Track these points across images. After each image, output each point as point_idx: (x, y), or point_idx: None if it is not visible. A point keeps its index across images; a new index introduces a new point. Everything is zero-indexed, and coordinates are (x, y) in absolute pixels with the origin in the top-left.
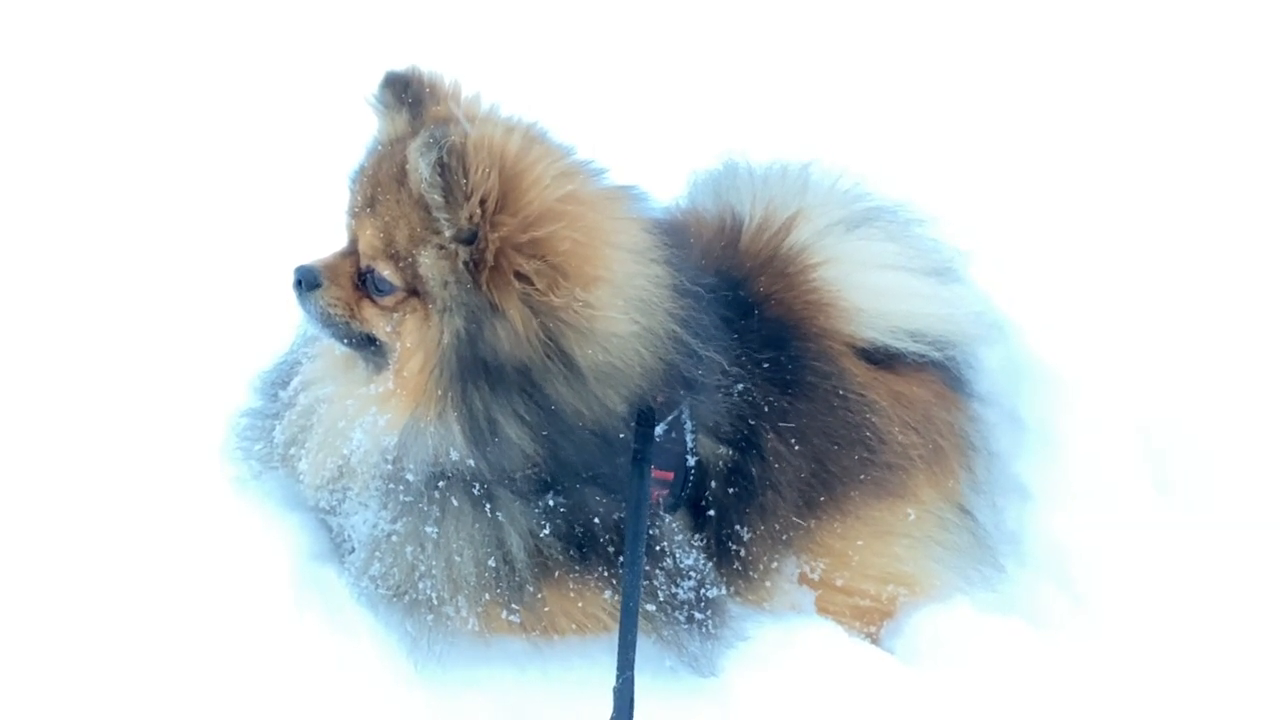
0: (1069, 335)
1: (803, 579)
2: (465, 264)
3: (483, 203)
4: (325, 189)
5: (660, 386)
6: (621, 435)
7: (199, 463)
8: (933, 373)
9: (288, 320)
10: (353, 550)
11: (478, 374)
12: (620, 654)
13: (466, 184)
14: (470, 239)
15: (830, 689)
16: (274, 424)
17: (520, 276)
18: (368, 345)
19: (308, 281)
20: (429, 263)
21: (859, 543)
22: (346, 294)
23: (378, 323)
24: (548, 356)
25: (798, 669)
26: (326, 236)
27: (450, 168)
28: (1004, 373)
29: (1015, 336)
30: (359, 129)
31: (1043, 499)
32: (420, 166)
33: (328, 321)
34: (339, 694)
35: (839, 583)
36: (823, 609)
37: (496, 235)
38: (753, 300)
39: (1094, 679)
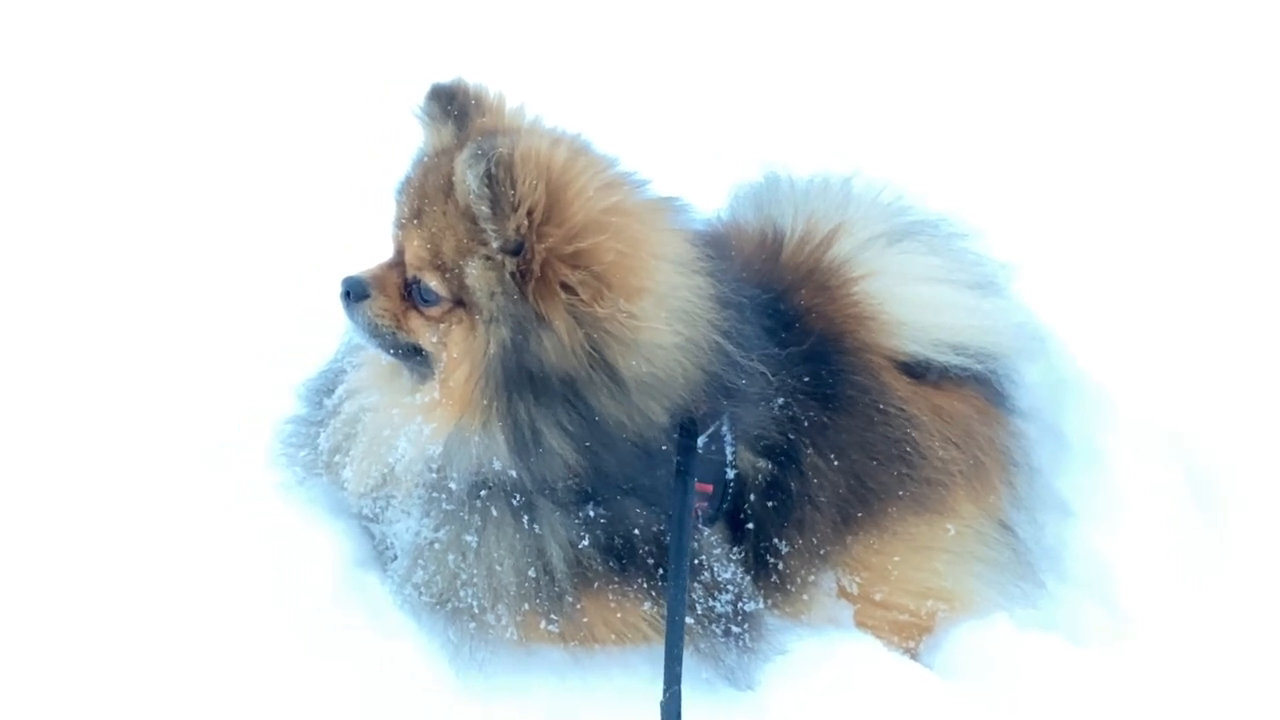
0: (1112, 350)
1: (841, 593)
2: (512, 275)
3: (530, 214)
4: (373, 199)
5: (702, 398)
6: (664, 447)
7: (246, 468)
8: (974, 388)
9: (334, 328)
10: (395, 558)
11: (523, 384)
12: (667, 668)
13: (514, 195)
14: (517, 250)
15: (868, 703)
16: (319, 431)
17: (566, 287)
18: (413, 355)
19: (355, 293)
20: (476, 273)
21: (896, 558)
22: (394, 305)
23: (424, 333)
24: (592, 367)
25: (835, 682)
26: (374, 246)
27: (498, 179)
28: (1046, 387)
29: (1058, 351)
30: (407, 139)
31: (1085, 515)
32: (468, 178)
33: (375, 332)
34: (381, 698)
35: (877, 597)
36: (861, 623)
37: (543, 246)
38: (793, 313)
39: (1135, 697)
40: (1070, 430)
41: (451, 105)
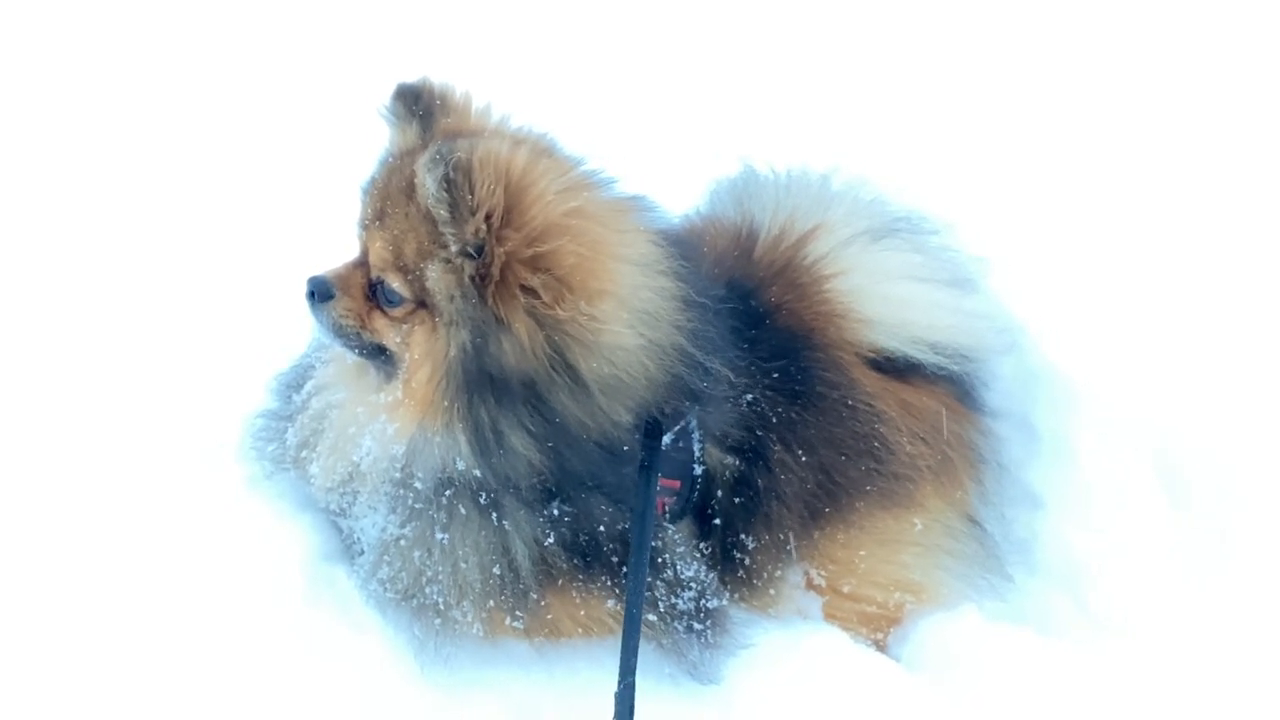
0: (1083, 343)
1: (809, 585)
2: (471, 278)
3: (488, 218)
4: (340, 194)
5: (666, 398)
6: (626, 447)
7: (213, 462)
8: (944, 385)
9: (305, 323)
10: (362, 553)
11: (483, 386)
12: (623, 659)
13: (472, 200)
14: (476, 253)
15: (833, 695)
16: (287, 426)
17: (526, 290)
18: (379, 354)
19: (320, 293)
20: (435, 276)
21: (863, 552)
22: (358, 305)
23: (388, 333)
24: (553, 369)
25: (800, 675)
26: (341, 240)
27: (455, 183)
28: (1017, 380)
29: (1029, 344)
30: (375, 134)
31: (1054, 508)
32: (427, 182)
33: (340, 332)
34: (347, 691)
35: (845, 589)
36: (830, 615)
37: (502, 250)
38: (763, 310)
39: (1102, 689)
40: (1040, 423)
41: (416, 105)
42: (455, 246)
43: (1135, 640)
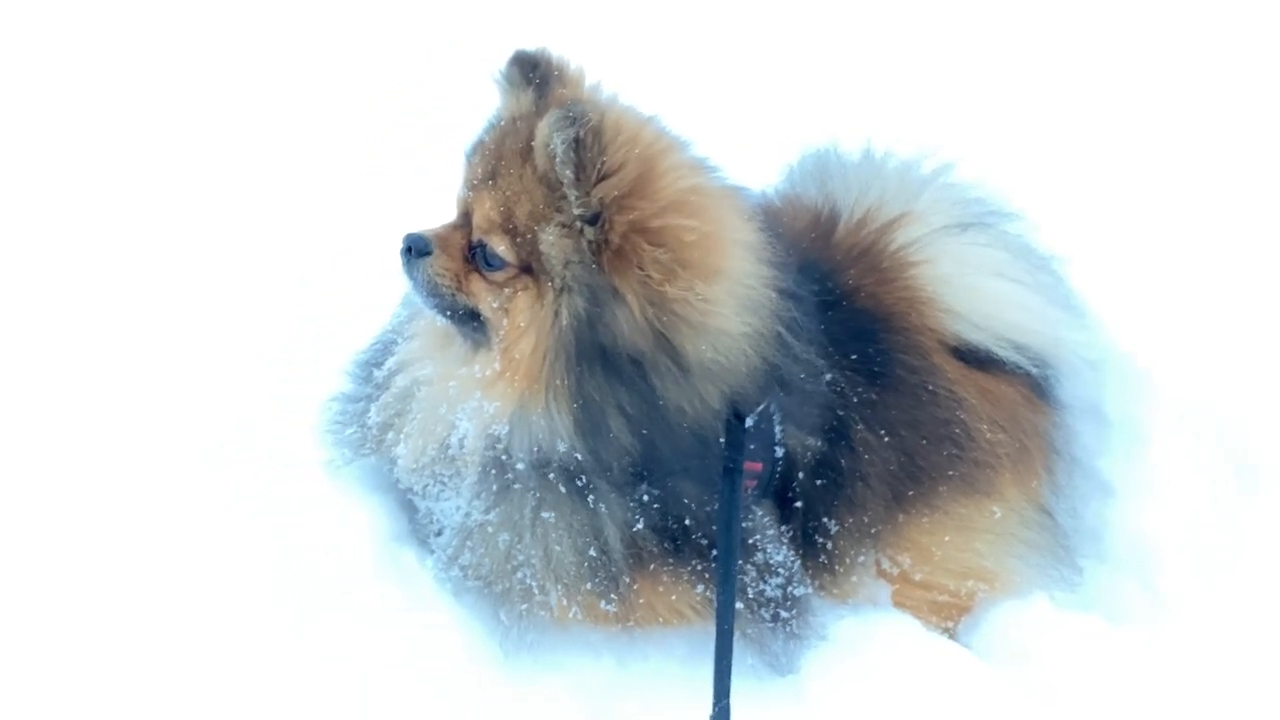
0: (1154, 330)
1: (879, 572)
2: (590, 244)
3: (617, 184)
4: (423, 175)
5: (760, 387)
6: (720, 438)
7: (290, 447)
8: (1022, 377)
9: (385, 305)
10: (439, 533)
11: (593, 360)
12: (716, 680)
13: (602, 164)
14: (594, 220)
15: (908, 686)
16: (367, 406)
17: (641, 263)
18: (470, 320)
19: (417, 248)
20: (551, 240)
21: (945, 538)
22: (456, 265)
23: (485, 297)
24: (659, 349)
25: (875, 665)
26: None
27: (586, 145)
28: (1088, 368)
29: (1100, 331)
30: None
31: (1125, 495)
32: (555, 142)
33: (433, 291)
34: (417, 675)
35: (917, 577)
36: (899, 603)
37: (625, 219)
38: (841, 292)
39: (1172, 676)
40: (1112, 410)
41: (534, 72)
42: (577, 210)
43: (1205, 628)
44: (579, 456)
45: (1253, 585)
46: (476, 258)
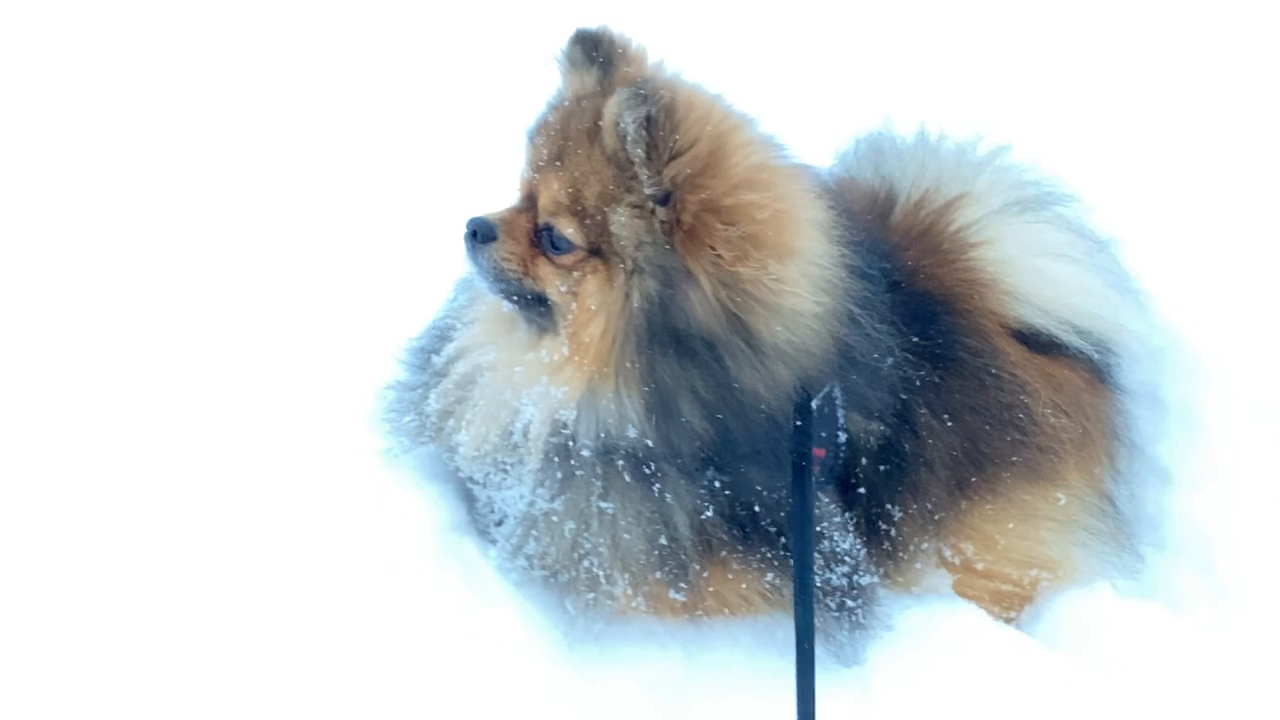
0: (1211, 316)
1: (941, 562)
2: (663, 224)
3: (690, 162)
4: (467, 158)
5: (830, 368)
6: (796, 421)
7: (345, 435)
8: (1084, 361)
9: (434, 291)
10: (499, 523)
11: (665, 344)
12: (799, 705)
13: (675, 142)
14: (665, 199)
15: (976, 677)
16: (424, 394)
17: (714, 243)
18: (537, 305)
19: (483, 233)
20: (622, 221)
21: (1010, 526)
22: (522, 250)
23: (552, 282)
24: (732, 331)
25: (942, 655)
26: (493, 198)
27: (658, 123)
28: (1145, 353)
29: (1157, 316)
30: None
31: (1183, 482)
32: (626, 121)
33: (499, 276)
34: (480, 665)
35: (980, 566)
36: (961, 593)
37: (697, 198)
38: (900, 273)
39: (1235, 664)
40: (1169, 396)
41: (597, 51)
42: (650, 190)
43: (1266, 616)
44: (649, 442)
45: None
46: (542, 241)
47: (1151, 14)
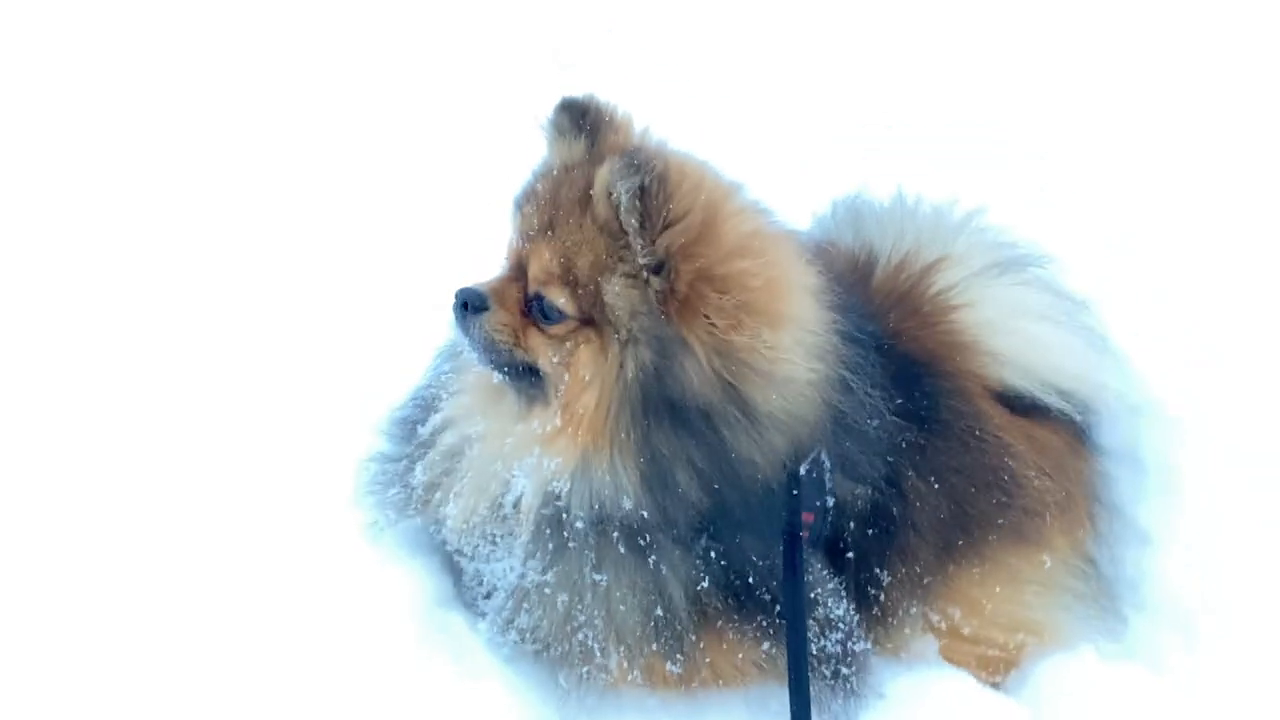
0: (1186, 376)
1: (927, 626)
2: (657, 294)
3: (683, 231)
4: (446, 228)
5: (827, 435)
6: (794, 490)
7: (328, 510)
8: (1066, 423)
9: (413, 360)
10: (488, 595)
11: (661, 414)
12: None
13: (668, 211)
14: (658, 269)
15: None
16: (410, 465)
17: (707, 312)
18: (527, 376)
19: (474, 304)
20: (616, 290)
21: (996, 590)
22: (513, 320)
23: (543, 352)
24: (728, 400)
25: None
26: (472, 266)
27: (651, 193)
28: (1122, 413)
29: (1133, 376)
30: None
31: (1163, 543)
32: (619, 191)
33: (490, 347)
34: None
35: (966, 631)
36: (947, 657)
37: (691, 267)
38: (882, 336)
39: None
40: (1147, 457)
41: (584, 119)
42: (643, 259)
43: (1243, 675)
44: (644, 514)
45: None
46: (533, 311)
47: (1109, 63)
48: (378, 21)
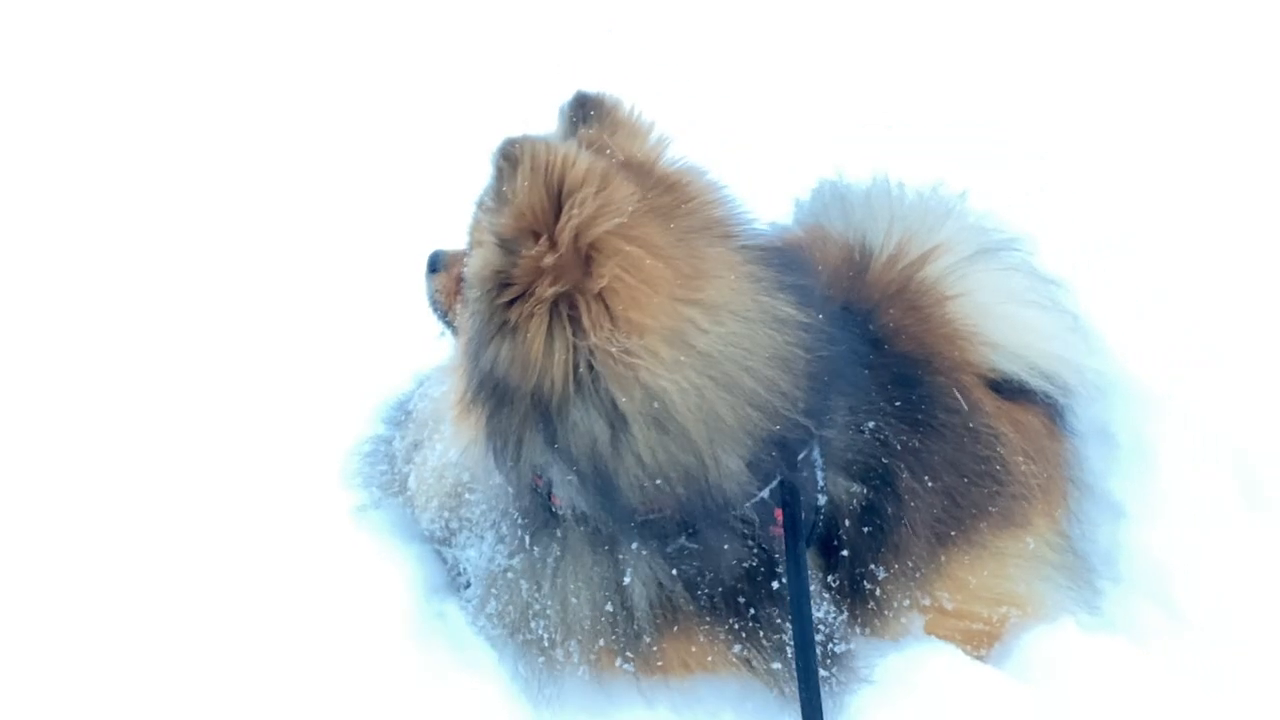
0: (1159, 350)
1: (915, 607)
2: (496, 272)
3: (518, 216)
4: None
5: (772, 441)
6: (755, 494)
7: (318, 491)
8: (1043, 405)
9: (412, 346)
10: (468, 585)
11: (488, 392)
12: None
13: (512, 192)
14: (509, 250)
15: (957, 715)
16: (402, 442)
17: (552, 303)
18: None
19: (432, 264)
20: (473, 265)
21: (984, 571)
22: (451, 284)
23: (460, 319)
24: (578, 392)
25: (924, 702)
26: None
27: (502, 173)
28: (1096, 389)
29: (1106, 352)
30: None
31: (1136, 517)
32: (491, 170)
33: (435, 307)
34: None
35: (950, 607)
36: (931, 633)
37: (529, 253)
38: (882, 334)
39: (1193, 693)
40: (1119, 432)
41: (595, 112)
42: (492, 238)
43: (1220, 644)
44: (586, 508)
45: (1264, 603)
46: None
47: (1086, 55)
48: (378, 21)
